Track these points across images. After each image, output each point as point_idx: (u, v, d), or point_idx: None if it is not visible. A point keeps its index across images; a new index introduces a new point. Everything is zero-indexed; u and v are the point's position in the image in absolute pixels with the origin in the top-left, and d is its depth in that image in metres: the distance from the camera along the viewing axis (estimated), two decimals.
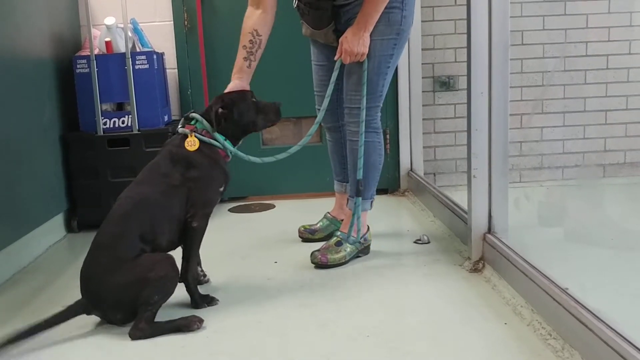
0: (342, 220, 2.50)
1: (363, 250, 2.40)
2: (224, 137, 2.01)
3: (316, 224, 2.64)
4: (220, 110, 1.99)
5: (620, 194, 3.50)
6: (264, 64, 2.23)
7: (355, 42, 2.19)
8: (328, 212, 2.65)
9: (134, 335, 1.75)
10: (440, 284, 2.07)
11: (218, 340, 1.73)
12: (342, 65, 2.28)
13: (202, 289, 2.02)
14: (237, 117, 2.03)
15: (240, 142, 2.10)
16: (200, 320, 1.81)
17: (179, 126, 2.02)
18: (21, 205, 2.48)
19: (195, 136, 1.96)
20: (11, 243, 2.39)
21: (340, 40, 2.25)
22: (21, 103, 2.54)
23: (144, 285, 1.75)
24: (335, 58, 2.27)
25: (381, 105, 2.34)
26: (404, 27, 2.27)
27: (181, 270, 1.93)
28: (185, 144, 1.94)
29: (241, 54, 2.18)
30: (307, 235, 2.62)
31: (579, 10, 3.62)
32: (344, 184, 2.57)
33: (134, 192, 1.91)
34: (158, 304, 1.79)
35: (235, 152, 2.05)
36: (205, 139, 1.98)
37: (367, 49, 2.21)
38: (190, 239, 1.94)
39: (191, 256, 1.96)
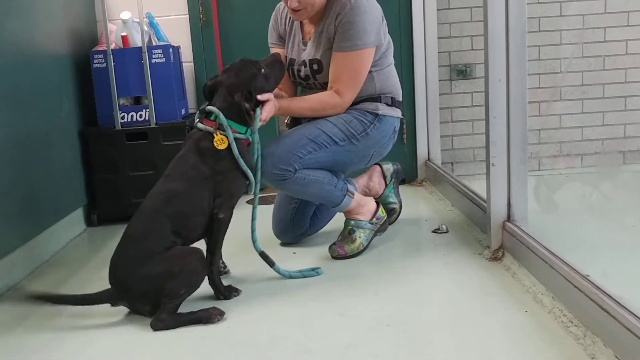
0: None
1: (380, 228, 2.39)
2: (244, 129, 1.99)
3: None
4: (247, 106, 1.95)
5: None
6: None
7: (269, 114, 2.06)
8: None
9: (156, 326, 1.76)
10: (459, 273, 2.06)
11: (238, 330, 1.74)
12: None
13: (222, 280, 2.02)
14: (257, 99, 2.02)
15: None
16: (221, 313, 1.81)
17: (196, 120, 2.01)
18: (41, 200, 2.50)
19: (221, 134, 1.94)
20: (32, 238, 2.42)
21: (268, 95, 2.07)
22: (40, 99, 2.57)
23: (171, 278, 1.77)
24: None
25: (296, 167, 2.17)
26: (361, 142, 2.25)
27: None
28: (215, 144, 1.93)
29: None
30: None
31: None
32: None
33: (163, 187, 1.92)
34: (183, 296, 1.81)
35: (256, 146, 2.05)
36: (235, 135, 1.94)
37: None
38: (217, 230, 1.95)
39: (217, 248, 1.97)
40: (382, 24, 2.27)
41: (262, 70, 2.04)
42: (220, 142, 1.93)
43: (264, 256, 2.13)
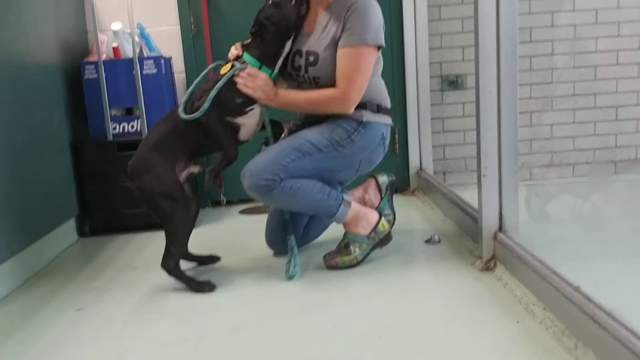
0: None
1: (379, 243, 2.36)
2: (258, 64, 2.20)
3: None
4: (251, 30, 2.23)
5: (632, 190, 3.48)
6: None
7: (264, 84, 2.17)
8: None
9: (163, 266, 2.11)
10: (451, 283, 2.06)
11: (231, 341, 1.73)
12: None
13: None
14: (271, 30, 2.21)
15: (279, 61, 2.25)
16: (212, 287, 2.10)
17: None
18: (33, 211, 2.49)
19: (232, 64, 2.20)
20: (24, 249, 2.40)
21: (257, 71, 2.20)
22: (31, 110, 2.56)
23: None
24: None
25: (282, 176, 2.15)
26: (346, 148, 2.23)
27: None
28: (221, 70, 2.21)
29: None
30: None
31: (588, 6, 3.60)
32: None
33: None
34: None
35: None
36: (239, 66, 2.18)
37: (256, 95, 2.18)
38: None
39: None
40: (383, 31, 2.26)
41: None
42: (224, 69, 2.20)
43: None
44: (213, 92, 2.13)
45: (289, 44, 2.24)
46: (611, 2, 3.59)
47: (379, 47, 2.23)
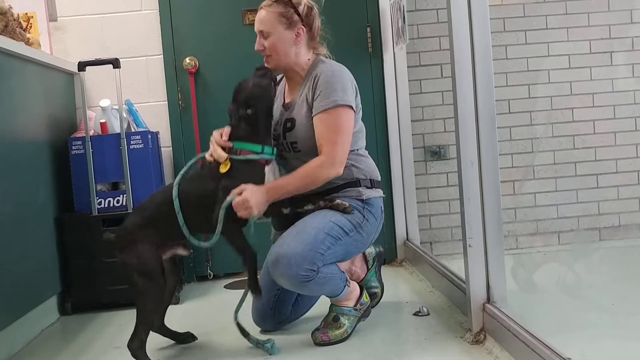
0: None
1: (364, 314, 2.35)
2: (260, 146, 2.15)
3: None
4: (247, 112, 2.14)
5: (616, 257, 3.49)
6: None
7: (255, 199, 2.05)
8: None
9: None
10: (441, 358, 2.03)
11: None
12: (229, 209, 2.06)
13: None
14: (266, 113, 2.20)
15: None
16: None
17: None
18: (14, 289, 2.44)
19: (230, 158, 2.10)
20: (2, 329, 2.34)
21: (243, 186, 2.08)
22: (16, 186, 2.55)
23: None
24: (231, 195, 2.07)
25: (319, 265, 2.10)
26: (364, 229, 2.24)
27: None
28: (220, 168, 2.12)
29: None
30: None
31: (563, 78, 3.72)
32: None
33: None
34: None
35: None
36: (241, 157, 2.12)
37: (256, 214, 2.07)
38: None
39: None
40: (357, 98, 2.30)
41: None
42: (222, 167, 2.11)
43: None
44: (220, 217, 2.07)
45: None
46: (584, 75, 3.71)
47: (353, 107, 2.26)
